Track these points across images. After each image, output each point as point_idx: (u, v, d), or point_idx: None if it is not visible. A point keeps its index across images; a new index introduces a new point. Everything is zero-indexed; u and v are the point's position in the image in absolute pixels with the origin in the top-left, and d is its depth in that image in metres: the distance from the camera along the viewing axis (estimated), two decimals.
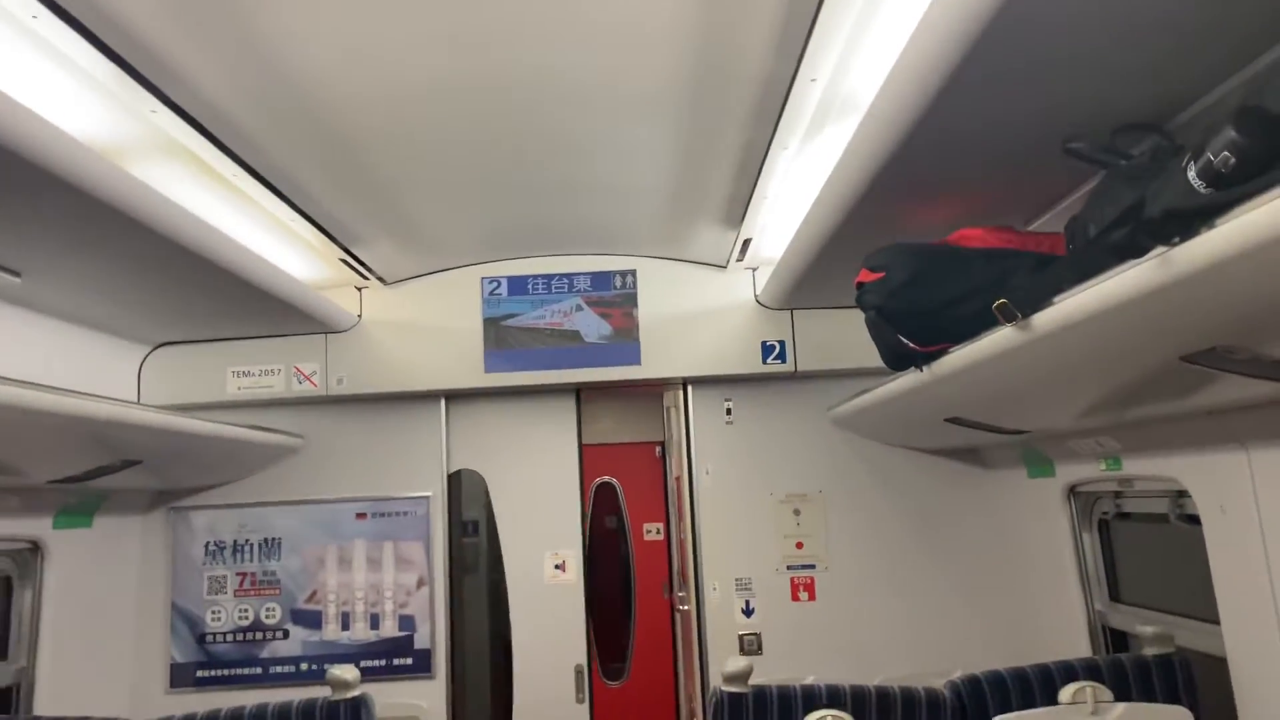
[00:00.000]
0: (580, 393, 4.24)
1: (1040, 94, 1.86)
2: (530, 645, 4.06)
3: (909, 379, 2.74)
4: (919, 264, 2.46)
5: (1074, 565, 3.29)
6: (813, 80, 2.17)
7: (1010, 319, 1.95)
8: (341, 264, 3.61)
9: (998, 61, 1.67)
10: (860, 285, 2.55)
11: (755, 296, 4.00)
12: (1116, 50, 1.68)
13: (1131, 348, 1.86)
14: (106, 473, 2.97)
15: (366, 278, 3.86)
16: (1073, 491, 3.27)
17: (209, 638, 3.92)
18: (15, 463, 2.70)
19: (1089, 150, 2.05)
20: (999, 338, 2.08)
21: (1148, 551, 3.10)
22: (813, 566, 3.98)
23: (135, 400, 3.86)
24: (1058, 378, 2.29)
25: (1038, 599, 3.60)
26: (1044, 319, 1.87)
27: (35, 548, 3.26)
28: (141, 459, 3.05)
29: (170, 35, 1.93)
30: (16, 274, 2.64)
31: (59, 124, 1.93)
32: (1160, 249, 1.44)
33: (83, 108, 2.11)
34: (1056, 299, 1.83)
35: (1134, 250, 1.53)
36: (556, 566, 4.12)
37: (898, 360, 2.69)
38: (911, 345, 2.55)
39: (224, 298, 3.24)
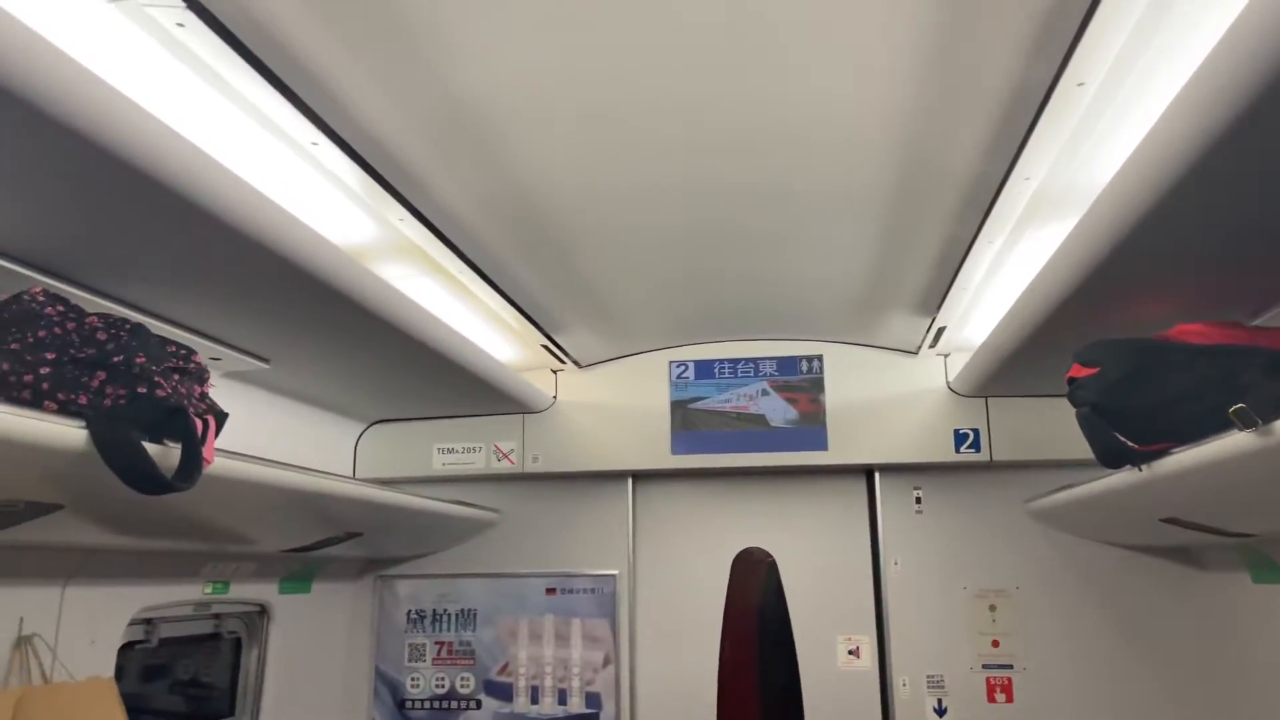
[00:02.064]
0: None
1: (1275, 191, 1.81)
2: None
3: (1123, 477, 2.62)
4: (1136, 360, 2.38)
5: None
6: (1026, 179, 2.18)
7: (1249, 425, 1.86)
8: (542, 349, 3.81)
9: (1234, 161, 1.63)
10: (1072, 380, 2.49)
11: (947, 383, 3.94)
12: None
13: None
14: (332, 544, 3.21)
15: (563, 361, 4.04)
16: None
17: (408, 704, 4.11)
18: (255, 533, 2.96)
19: None
20: (1234, 442, 1.98)
21: None
22: (1010, 666, 3.81)
23: (351, 473, 4.15)
24: None
25: (1262, 716, 3.32)
26: None
27: (263, 611, 3.53)
28: (363, 531, 3.28)
29: (426, 157, 2.15)
30: (266, 361, 2.92)
31: (324, 232, 2.17)
32: None
33: (343, 216, 2.35)
34: None
35: None
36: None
37: (1112, 458, 2.58)
38: (1128, 443, 2.46)
39: (436, 379, 3.46)
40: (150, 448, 1.80)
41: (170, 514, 2.28)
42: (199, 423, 1.95)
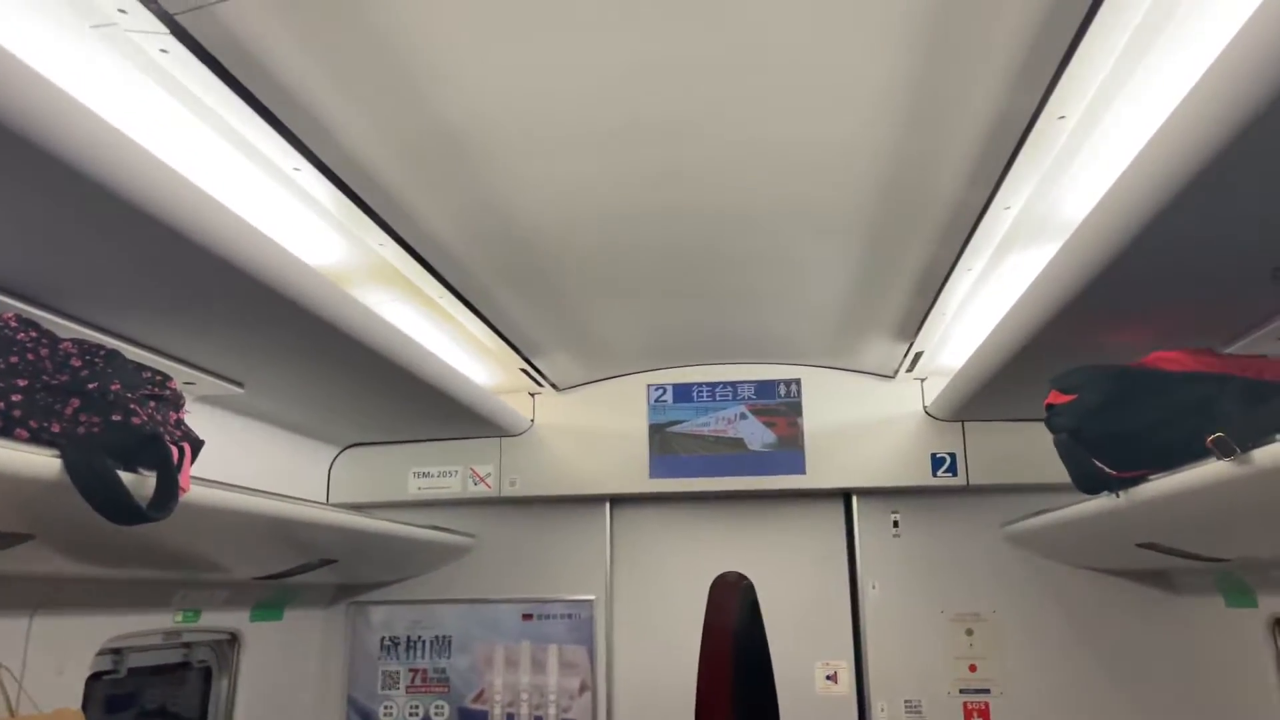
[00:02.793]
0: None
1: (1256, 221, 1.83)
2: None
3: (1101, 503, 2.64)
4: (1114, 387, 2.40)
5: None
6: (1006, 208, 2.20)
7: (1228, 453, 1.88)
8: (520, 372, 3.79)
9: (1211, 194, 1.66)
10: (1050, 407, 2.51)
11: (924, 407, 3.96)
12: None
13: None
14: (306, 570, 3.16)
15: (541, 384, 4.02)
16: (1278, 624, 3.05)
17: None
18: (228, 561, 2.91)
19: None
20: (1211, 469, 2.00)
21: None
22: (988, 691, 3.81)
23: (324, 498, 4.09)
24: (1275, 511, 2.17)
25: None
26: (1266, 455, 1.80)
27: (233, 639, 3.47)
28: (338, 558, 3.23)
29: (408, 182, 2.14)
30: (241, 385, 2.88)
31: (303, 256, 2.15)
32: None
33: (323, 240, 2.33)
34: None
35: None
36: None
37: (1090, 483, 2.60)
38: (1106, 469, 2.48)
39: (412, 402, 3.43)
40: (125, 476, 1.76)
41: (142, 543, 2.24)
42: (175, 450, 1.91)
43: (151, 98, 1.64)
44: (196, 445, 2.05)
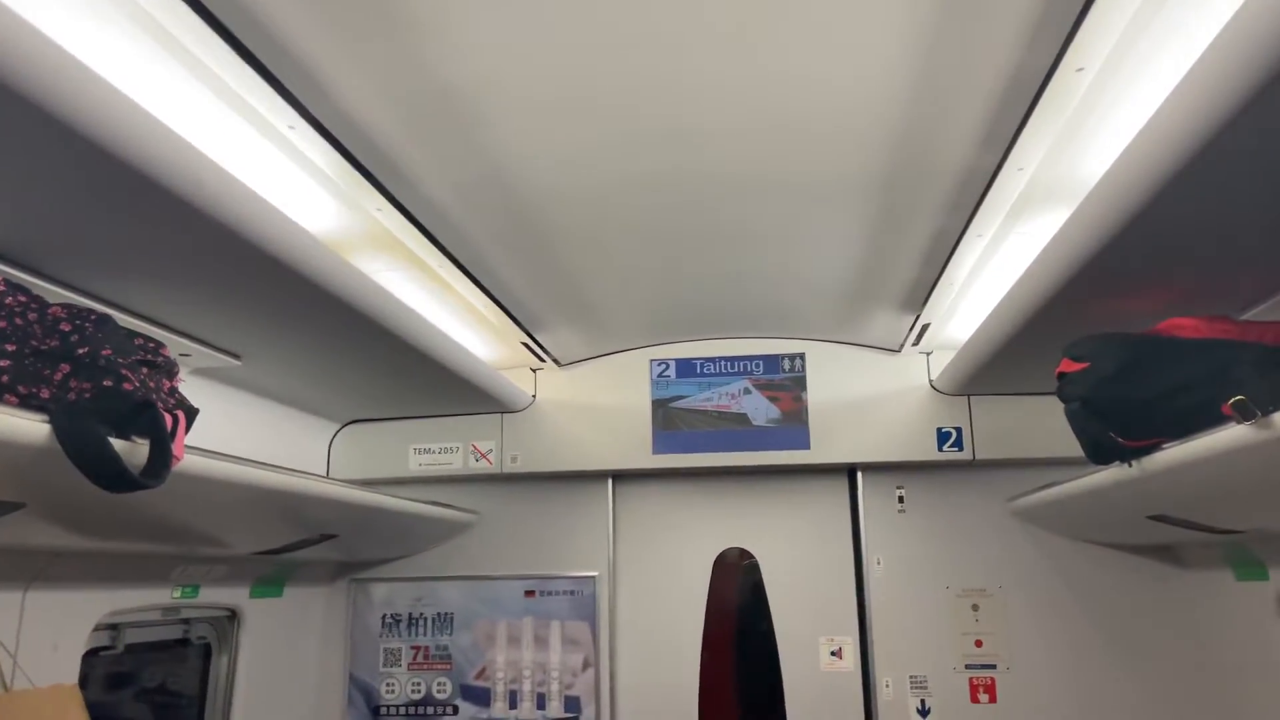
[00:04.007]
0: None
1: (1274, 184, 1.78)
2: None
3: (1112, 473, 2.60)
4: (1127, 355, 2.36)
5: None
6: (1020, 170, 2.15)
7: (1249, 417, 1.83)
8: (522, 346, 3.74)
9: (1234, 152, 1.60)
10: (1062, 375, 2.46)
11: (930, 382, 3.92)
12: None
13: None
14: (306, 545, 3.13)
15: (543, 360, 3.98)
16: None
17: (383, 710, 4.02)
18: (226, 535, 2.87)
19: None
20: (1229, 435, 1.95)
21: None
22: (994, 666, 3.78)
23: (324, 474, 4.06)
24: None
25: (1247, 716, 3.31)
26: None
27: (233, 616, 3.43)
28: (338, 533, 3.19)
29: (406, 144, 2.08)
30: (237, 357, 2.83)
31: (299, 221, 2.09)
32: None
33: (319, 205, 2.27)
34: None
35: None
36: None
37: (1101, 454, 2.56)
38: (1118, 439, 2.44)
39: (413, 377, 3.38)
40: (117, 444, 1.72)
41: (138, 514, 2.20)
42: (169, 418, 1.86)
43: (142, 50, 1.59)
44: (191, 413, 2.01)
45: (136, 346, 1.95)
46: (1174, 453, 2.25)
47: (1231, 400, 1.85)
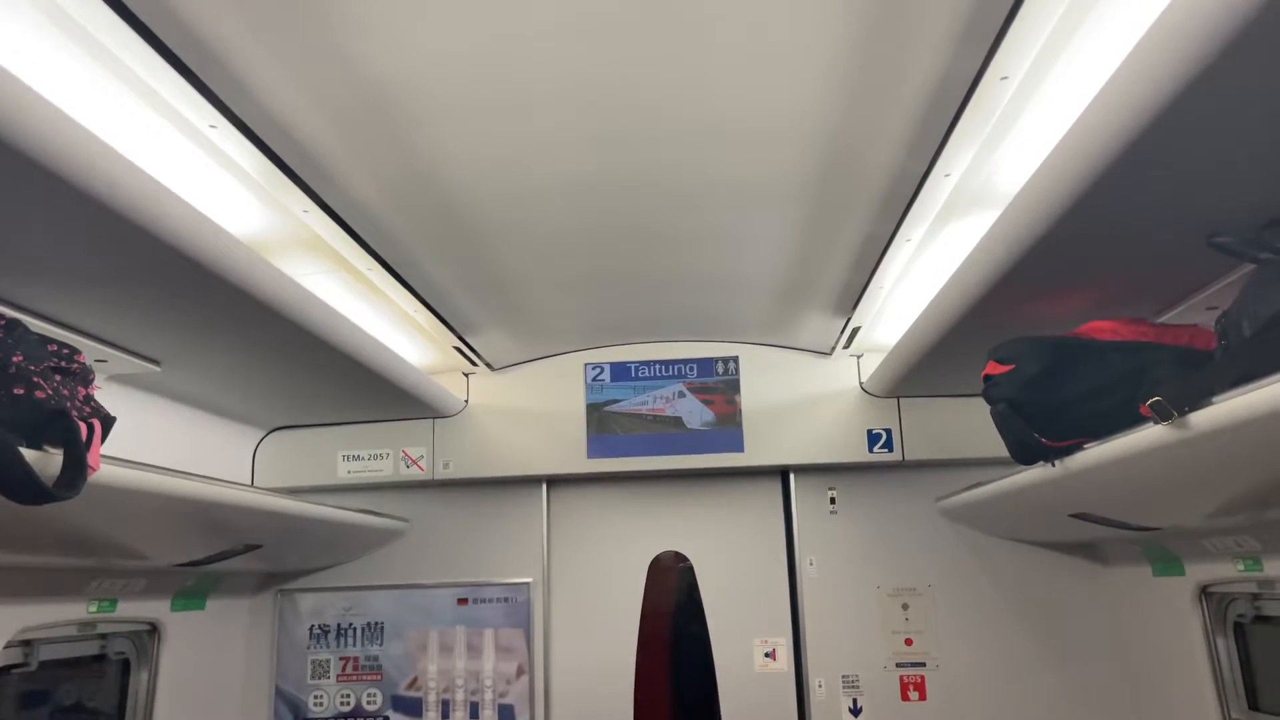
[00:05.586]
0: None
1: (1191, 189, 1.84)
2: None
3: (1035, 473, 2.66)
4: (1051, 357, 2.42)
5: (1208, 671, 3.12)
6: (946, 175, 2.18)
7: (1165, 417, 1.89)
8: (454, 350, 3.69)
9: (1156, 159, 1.65)
10: (988, 378, 2.51)
11: (860, 384, 3.97)
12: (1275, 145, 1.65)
13: None
14: (229, 556, 3.04)
15: (475, 364, 3.93)
16: (1204, 592, 3.12)
17: None
18: (145, 547, 2.77)
19: (1236, 245, 2.02)
20: (1147, 435, 2.01)
21: None
22: (923, 665, 3.85)
23: (249, 482, 3.95)
24: (1205, 476, 2.20)
25: (1167, 706, 3.42)
26: (1203, 418, 1.81)
27: (153, 630, 3.32)
28: (263, 543, 3.11)
29: (333, 144, 2.03)
30: (157, 363, 2.74)
31: (221, 223, 2.03)
32: None
33: (242, 207, 2.21)
34: (1216, 399, 1.77)
35: None
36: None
37: (1026, 454, 2.62)
38: (1042, 439, 2.49)
39: (341, 382, 3.31)
40: (29, 454, 1.65)
41: (51, 527, 2.11)
42: (83, 427, 1.80)
43: (51, 44, 1.52)
44: (107, 422, 1.94)
45: (50, 353, 1.88)
46: (1095, 452, 2.31)
47: (1149, 401, 1.91)
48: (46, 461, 1.70)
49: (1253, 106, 1.50)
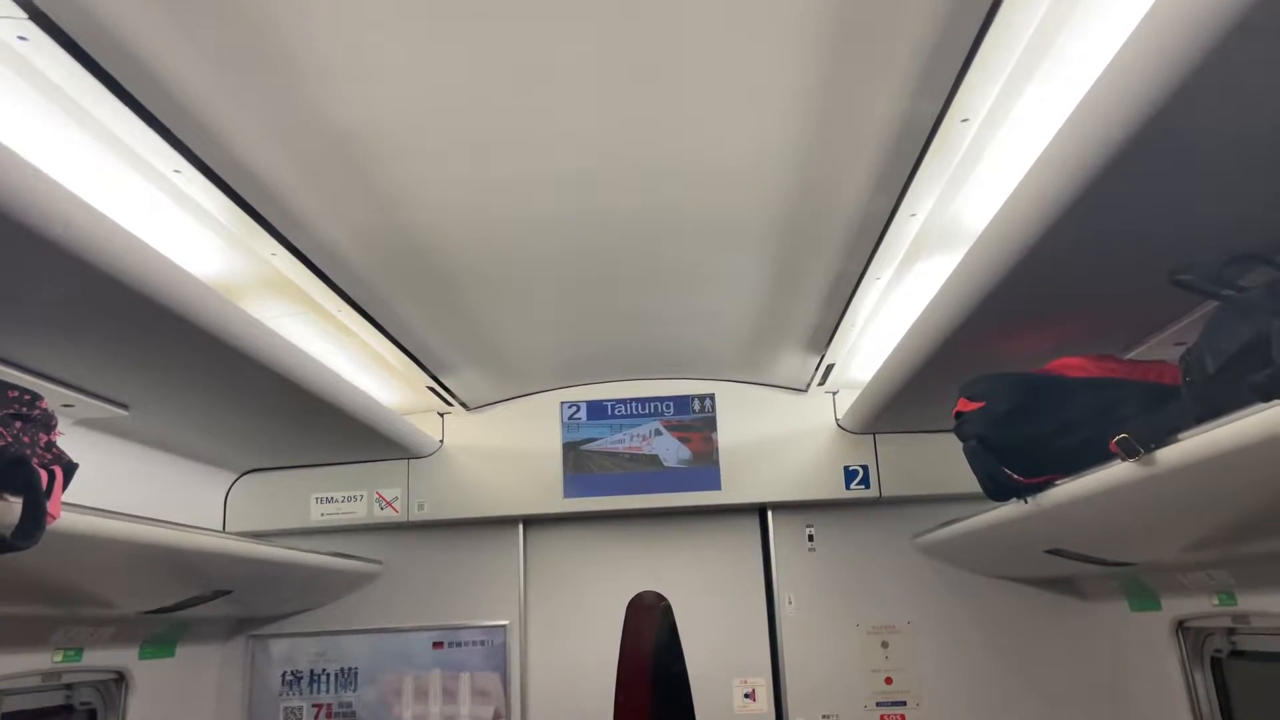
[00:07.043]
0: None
1: (1152, 226, 1.86)
2: None
3: (1009, 509, 2.66)
4: (1021, 393, 2.43)
5: (1186, 705, 3.11)
6: (912, 215, 2.21)
7: (1132, 454, 1.90)
8: (428, 391, 3.67)
9: (1111, 198, 1.67)
10: (959, 415, 2.52)
11: (836, 420, 3.97)
12: (1240, 181, 1.67)
13: (1265, 483, 1.80)
14: (199, 602, 2.99)
15: (450, 404, 3.91)
16: (1181, 627, 3.12)
17: None
18: (112, 594, 2.73)
19: (1199, 282, 2.03)
20: (1116, 471, 2.02)
21: (1269, 691, 2.93)
22: (904, 703, 3.81)
23: (221, 527, 3.90)
24: (1176, 512, 2.21)
25: None
26: (1169, 455, 1.82)
27: (121, 679, 3.25)
28: (233, 589, 3.06)
29: (299, 188, 2.03)
30: (125, 407, 2.71)
31: (186, 266, 2.02)
32: None
33: (208, 250, 2.20)
34: (1182, 435, 1.78)
35: (1276, 393, 1.49)
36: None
37: (998, 490, 2.62)
38: (1014, 476, 2.50)
39: (313, 424, 3.29)
40: None
41: (13, 576, 2.07)
42: (44, 474, 1.77)
43: (11, 90, 1.52)
44: (69, 469, 1.91)
45: (10, 399, 1.85)
46: (1065, 489, 2.31)
47: (1116, 438, 1.92)
48: (5, 510, 1.67)
49: (1210, 147, 1.52)
